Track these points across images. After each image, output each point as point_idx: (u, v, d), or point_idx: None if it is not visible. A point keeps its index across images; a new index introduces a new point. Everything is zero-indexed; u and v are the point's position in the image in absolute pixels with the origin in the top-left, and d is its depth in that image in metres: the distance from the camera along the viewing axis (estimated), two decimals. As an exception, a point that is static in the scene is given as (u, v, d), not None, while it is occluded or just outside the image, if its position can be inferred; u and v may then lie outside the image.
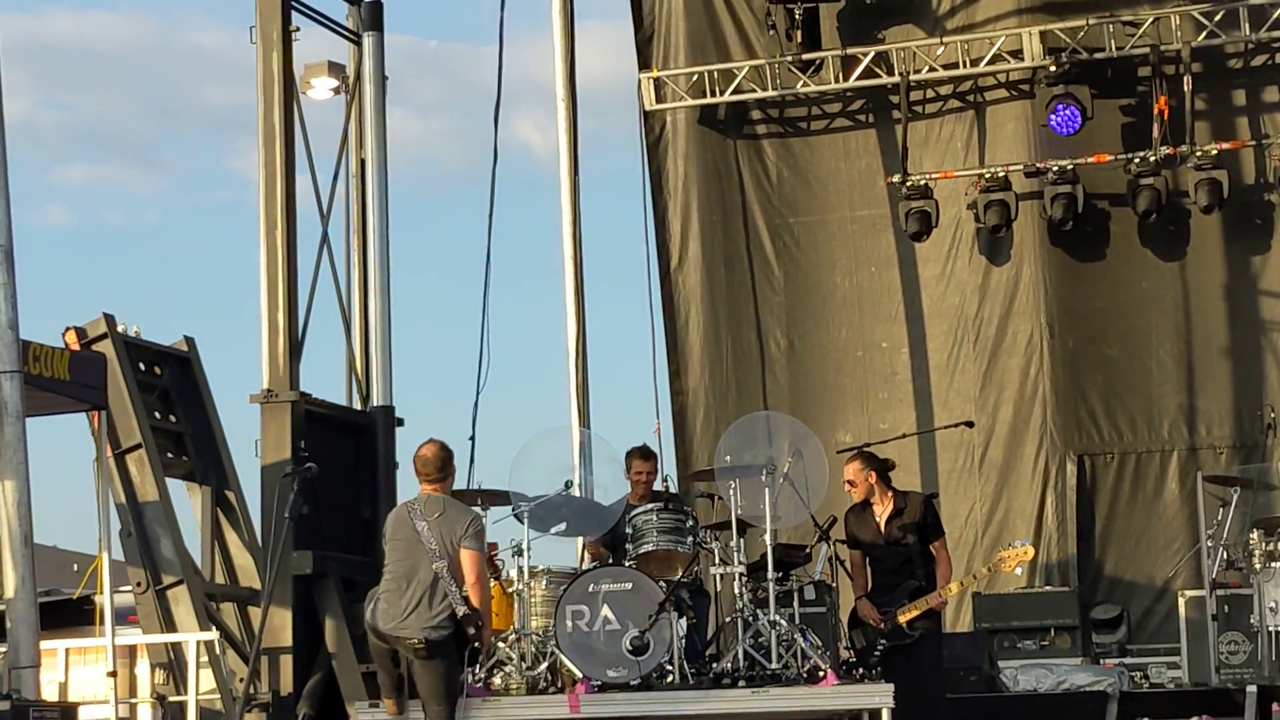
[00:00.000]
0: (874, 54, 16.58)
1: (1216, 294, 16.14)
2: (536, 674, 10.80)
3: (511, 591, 11.14)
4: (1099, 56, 16.03)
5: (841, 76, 16.72)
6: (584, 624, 10.71)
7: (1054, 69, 15.90)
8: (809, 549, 12.31)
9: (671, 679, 10.70)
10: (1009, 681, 13.58)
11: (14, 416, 10.78)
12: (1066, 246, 16.36)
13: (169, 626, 13.53)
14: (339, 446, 14.79)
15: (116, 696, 12.09)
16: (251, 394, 14.16)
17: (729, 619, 11.28)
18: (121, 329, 13.96)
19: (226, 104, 43.18)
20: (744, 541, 11.33)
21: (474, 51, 41.75)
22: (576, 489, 12.31)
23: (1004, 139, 16.58)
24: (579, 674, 10.67)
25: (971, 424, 15.58)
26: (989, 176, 16.11)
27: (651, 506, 11.46)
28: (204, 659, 13.17)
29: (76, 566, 20.90)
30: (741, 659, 10.80)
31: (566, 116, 16.47)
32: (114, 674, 12.02)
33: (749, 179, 17.18)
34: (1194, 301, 16.17)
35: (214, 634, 13.29)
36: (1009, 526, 16.15)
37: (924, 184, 16.21)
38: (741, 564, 11.22)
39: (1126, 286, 16.32)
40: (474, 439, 15.13)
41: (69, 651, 13.32)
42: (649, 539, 11.24)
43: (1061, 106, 15.75)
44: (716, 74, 17.03)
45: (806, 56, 16.59)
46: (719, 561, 11.32)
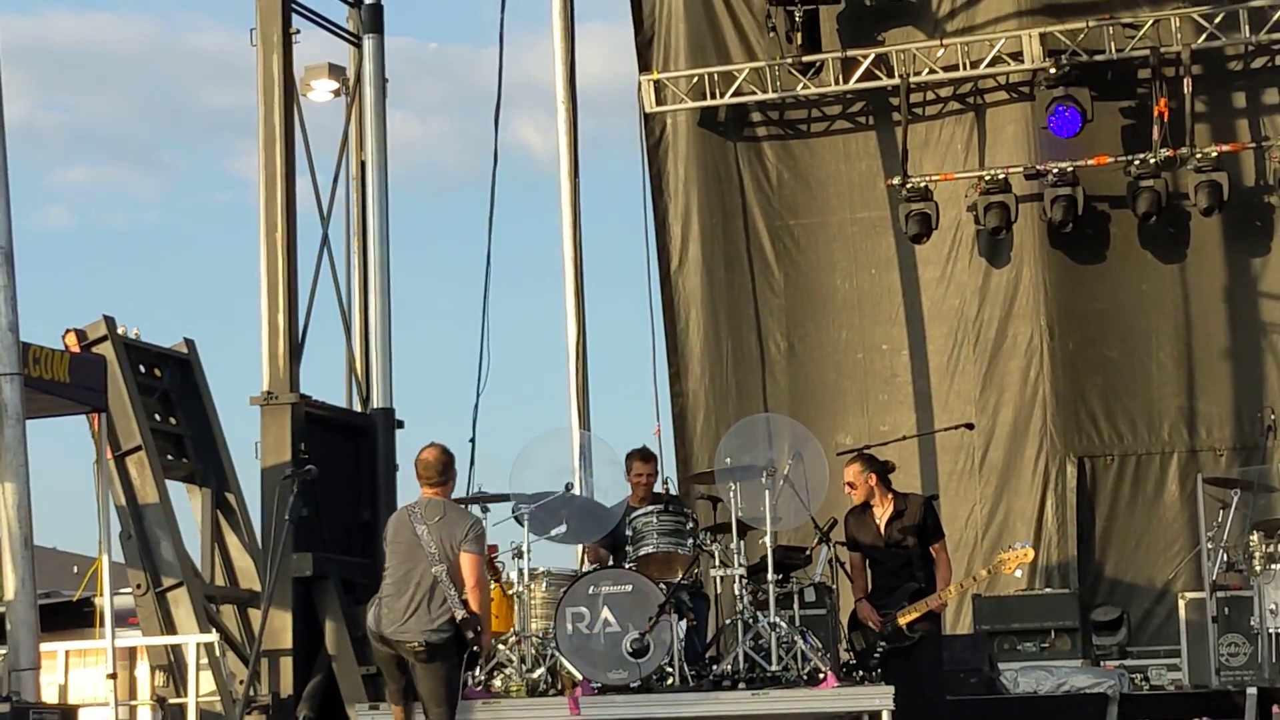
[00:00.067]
0: (874, 56, 16.57)
1: (1216, 296, 16.13)
2: (536, 676, 10.79)
3: (511, 594, 11.14)
4: (1099, 59, 16.03)
5: (841, 79, 16.72)
6: (584, 626, 10.71)
7: (1054, 71, 15.90)
8: (809, 551, 12.31)
9: (671, 681, 10.69)
10: (1009, 684, 13.59)
11: (14, 418, 10.79)
12: (1066, 249, 16.35)
13: (169, 629, 13.54)
14: (339, 448, 14.80)
15: (116, 699, 12.10)
16: (251, 396, 14.17)
17: (729, 621, 11.27)
18: (121, 331, 13.96)
19: (227, 106, 43.15)
20: (744, 544, 11.34)
21: (474, 53, 41.72)
22: (577, 490, 12.31)
23: (1004, 141, 16.57)
24: (579, 676, 10.67)
25: (971, 426, 15.59)
26: (989, 179, 16.10)
27: (652, 509, 11.45)
28: (204, 661, 13.17)
29: (76, 568, 20.87)
30: (741, 661, 10.80)
31: (567, 118, 16.46)
32: (114, 676, 12.04)
33: (749, 181, 17.17)
34: (1194, 303, 16.16)
35: (214, 636, 13.29)
36: (1009, 529, 16.14)
37: (924, 186, 16.20)
38: (741, 566, 11.21)
39: (1126, 288, 16.31)
40: (474, 441, 15.17)
41: (69, 654, 13.33)
42: (649, 541, 11.24)
43: (1061, 109, 15.74)
44: (717, 76, 17.02)
45: (806, 59, 16.57)
46: (719, 563, 11.31)
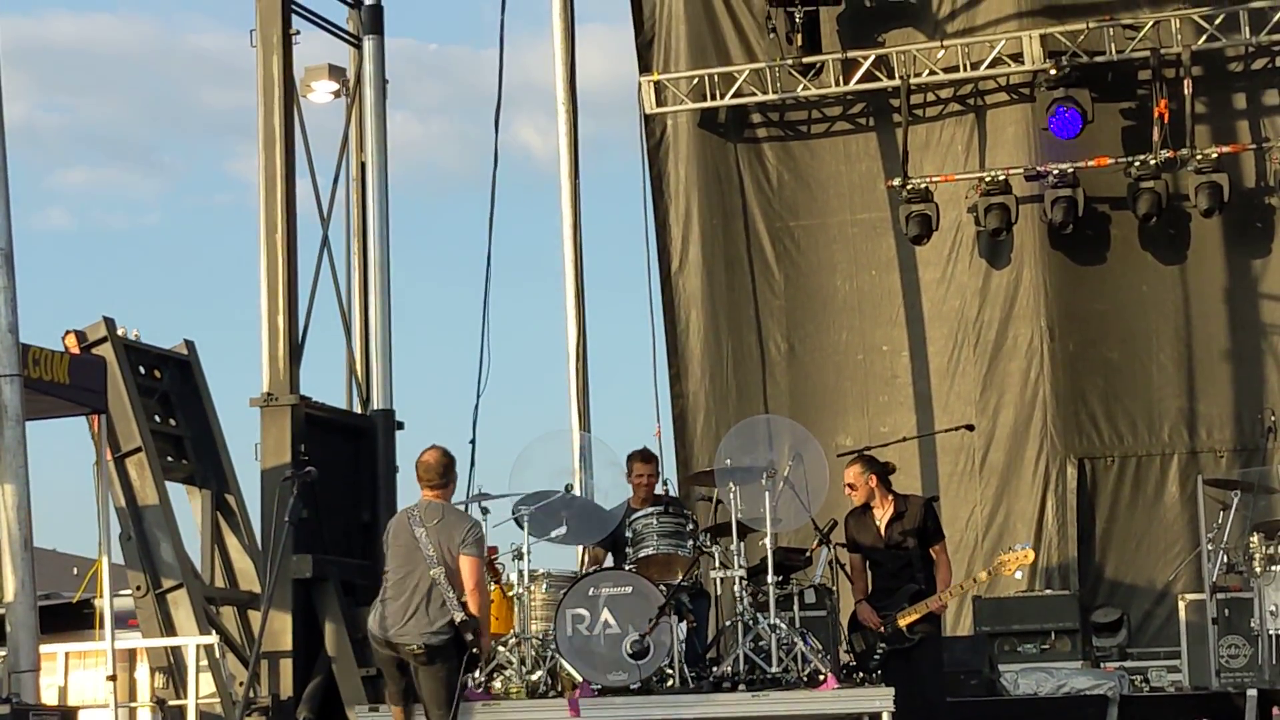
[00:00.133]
0: (874, 57, 16.57)
1: (1217, 297, 16.13)
2: (536, 678, 10.78)
3: (511, 595, 11.13)
4: (1099, 60, 16.03)
5: (842, 80, 16.71)
6: (584, 628, 10.69)
7: (1054, 72, 15.90)
8: (809, 552, 12.30)
9: (671, 683, 10.68)
10: (1009, 685, 13.59)
11: (14, 420, 10.78)
12: (1067, 250, 16.34)
13: (169, 630, 13.54)
14: (339, 450, 14.80)
15: (116, 700, 12.10)
16: (251, 397, 14.17)
17: (729, 623, 11.25)
18: (121, 332, 13.97)
19: (227, 107, 43.17)
20: (744, 545, 11.32)
21: (474, 55, 41.76)
22: (577, 492, 12.30)
23: (1004, 142, 16.56)
24: (579, 678, 10.65)
25: (972, 427, 15.59)
26: (989, 180, 16.10)
27: (652, 510, 11.44)
28: (204, 663, 13.17)
29: (76, 570, 20.88)
30: (742, 663, 10.78)
31: (567, 120, 16.46)
32: (114, 678, 12.04)
33: (749, 182, 17.17)
34: (1194, 305, 16.16)
35: (214, 638, 13.29)
36: (1009, 530, 16.14)
37: (924, 187, 16.20)
38: (742, 567, 11.19)
39: (1127, 290, 16.31)
40: (474, 442, 15.16)
41: (69, 655, 13.33)
42: (649, 543, 11.23)
43: (1062, 110, 15.74)
44: (717, 77, 17.02)
45: (807, 60, 16.57)
46: (719, 565, 11.29)
